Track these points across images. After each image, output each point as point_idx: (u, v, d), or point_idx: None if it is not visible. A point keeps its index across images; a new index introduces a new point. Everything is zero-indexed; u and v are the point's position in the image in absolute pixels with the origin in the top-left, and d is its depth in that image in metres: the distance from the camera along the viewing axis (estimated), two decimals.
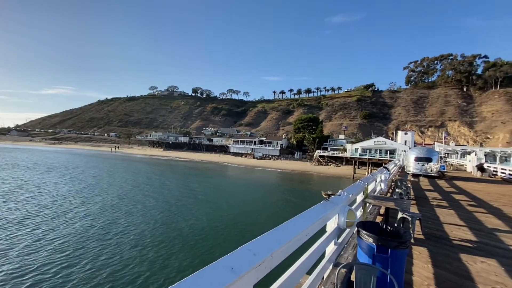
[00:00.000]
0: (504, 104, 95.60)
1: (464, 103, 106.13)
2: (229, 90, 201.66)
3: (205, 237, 13.44)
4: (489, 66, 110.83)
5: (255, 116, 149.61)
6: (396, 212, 4.91)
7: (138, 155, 76.65)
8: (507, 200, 9.61)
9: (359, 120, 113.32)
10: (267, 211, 19.96)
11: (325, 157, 61.13)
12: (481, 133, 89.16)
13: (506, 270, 3.48)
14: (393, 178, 12.73)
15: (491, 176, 20.69)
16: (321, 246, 2.64)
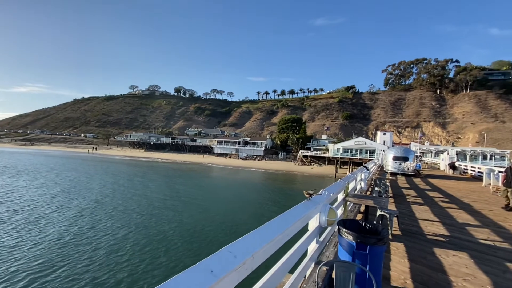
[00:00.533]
0: (474, 106, 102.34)
1: (438, 105, 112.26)
2: (213, 90, 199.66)
3: (190, 240, 13.21)
4: (460, 70, 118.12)
5: (240, 116, 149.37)
6: (376, 209, 5.09)
7: (117, 157, 73.85)
8: (476, 196, 10.27)
9: (340, 121, 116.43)
10: (252, 211, 19.97)
11: (308, 157, 62.20)
12: (453, 133, 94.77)
13: (476, 263, 3.71)
14: (372, 177, 13.19)
15: (462, 174, 22.01)
16: (303, 244, 2.68)
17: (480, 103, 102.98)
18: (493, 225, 5.98)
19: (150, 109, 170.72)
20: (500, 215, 7.10)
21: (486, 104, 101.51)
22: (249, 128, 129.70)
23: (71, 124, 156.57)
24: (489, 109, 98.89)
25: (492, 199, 9.75)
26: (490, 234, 5.24)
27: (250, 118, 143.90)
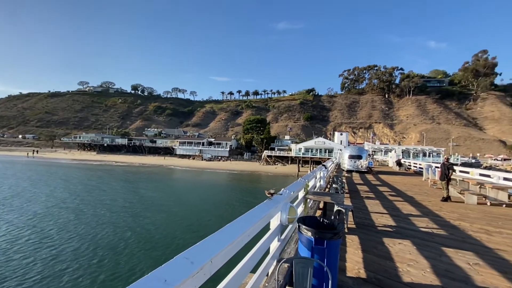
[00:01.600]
0: (415, 109, 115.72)
1: (386, 108, 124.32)
2: (174, 89, 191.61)
3: (154, 247, 12.44)
4: (404, 77, 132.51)
5: (203, 116, 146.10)
6: (333, 205, 5.39)
7: (63, 160, 66.29)
8: (417, 189, 11.58)
9: (302, 122, 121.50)
10: (219, 212, 19.66)
11: (272, 157, 63.58)
12: (399, 133, 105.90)
13: (417, 249, 4.16)
14: (330, 175, 14.00)
15: (406, 170, 24.67)
16: (265, 243, 2.69)
17: (420, 106, 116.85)
18: (431, 214, 6.79)
19: (103, 108, 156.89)
20: (437, 205, 8.10)
21: (425, 108, 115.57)
22: (213, 128, 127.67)
23: (5, 124, 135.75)
24: (428, 112, 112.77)
25: (431, 191, 11.08)
26: (429, 222, 5.94)
27: (215, 119, 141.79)
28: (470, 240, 4.74)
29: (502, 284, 3.05)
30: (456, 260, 3.75)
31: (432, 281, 3.06)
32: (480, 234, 5.15)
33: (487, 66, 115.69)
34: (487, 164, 51.04)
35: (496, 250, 4.26)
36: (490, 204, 8.34)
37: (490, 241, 4.74)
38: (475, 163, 50.38)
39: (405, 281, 3.05)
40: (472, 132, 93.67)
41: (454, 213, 7.02)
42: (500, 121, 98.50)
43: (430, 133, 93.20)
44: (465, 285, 3.00)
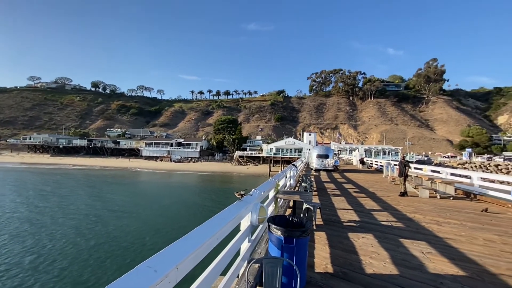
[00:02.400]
0: (376, 111, 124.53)
1: (351, 110, 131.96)
2: (139, 87, 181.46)
3: (122, 254, 11.63)
4: (366, 81, 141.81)
5: (172, 116, 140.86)
6: (302, 203, 5.54)
7: (10, 165, 59.12)
8: (379, 186, 12.43)
9: (273, 122, 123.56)
10: (190, 215, 19.08)
11: (244, 157, 63.64)
12: (362, 133, 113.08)
13: (379, 242, 4.44)
14: (300, 174, 14.41)
15: (369, 167, 26.39)
16: (235, 244, 2.66)
17: (381, 109, 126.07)
18: (390, 208, 7.33)
19: (59, 106, 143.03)
20: (395, 200, 8.77)
21: (385, 110, 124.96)
22: (182, 128, 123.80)
23: None
24: (387, 114, 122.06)
25: (390, 187, 11.98)
26: (388, 216, 6.40)
27: (184, 118, 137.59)
28: (423, 231, 5.20)
29: (450, 270, 3.39)
30: (411, 250, 4.08)
31: (391, 271, 3.28)
32: (431, 225, 5.69)
33: (437, 73, 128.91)
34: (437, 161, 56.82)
35: (445, 239, 4.73)
36: (439, 197, 9.26)
37: (440, 231, 5.25)
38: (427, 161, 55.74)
39: (368, 272, 3.23)
40: (425, 132, 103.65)
41: (410, 206, 7.66)
42: (447, 122, 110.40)
43: (389, 133, 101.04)
44: (419, 273, 3.27)
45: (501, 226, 5.69)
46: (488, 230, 5.35)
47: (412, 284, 2.95)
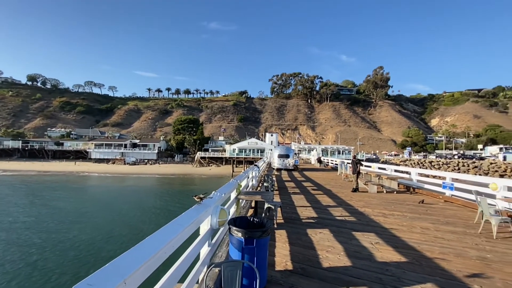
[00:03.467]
0: (332, 114, 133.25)
1: (309, 112, 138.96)
2: (88, 82, 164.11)
3: (73, 267, 10.26)
4: (323, 85, 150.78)
5: (126, 115, 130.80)
6: (264, 203, 5.61)
7: None
8: (334, 183, 13.27)
9: (236, 123, 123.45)
10: (147, 221, 17.86)
11: (206, 158, 62.26)
12: (319, 134, 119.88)
13: (334, 236, 4.72)
14: (262, 174, 14.62)
15: (325, 166, 28.04)
16: (194, 249, 2.55)
17: (336, 111, 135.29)
18: (344, 204, 7.87)
19: None
20: (348, 195, 9.45)
21: (339, 112, 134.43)
22: (138, 128, 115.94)
23: None
24: (341, 116, 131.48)
25: (344, 184, 12.88)
26: (343, 211, 6.85)
27: (140, 118, 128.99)
28: (372, 223, 5.69)
29: (394, 257, 3.75)
30: (362, 241, 4.42)
31: (345, 263, 3.51)
32: (379, 217, 6.25)
33: (383, 80, 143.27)
34: (384, 159, 63.13)
35: (390, 229, 5.24)
36: (385, 192, 10.27)
37: (386, 222, 5.80)
38: (375, 159, 61.58)
39: (325, 266, 3.40)
40: (373, 133, 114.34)
41: (361, 201, 8.33)
42: (391, 124, 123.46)
43: (343, 134, 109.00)
44: (369, 262, 3.56)
45: (434, 215, 6.53)
46: (424, 219, 6.09)
47: (363, 274, 3.19)
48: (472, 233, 5.06)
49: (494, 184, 6.82)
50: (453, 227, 5.47)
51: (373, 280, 3.04)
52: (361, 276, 3.13)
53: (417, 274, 3.21)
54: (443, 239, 4.68)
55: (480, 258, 3.79)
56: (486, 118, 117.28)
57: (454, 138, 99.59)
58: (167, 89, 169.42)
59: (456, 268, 3.43)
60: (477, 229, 5.22)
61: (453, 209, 7.32)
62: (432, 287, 2.91)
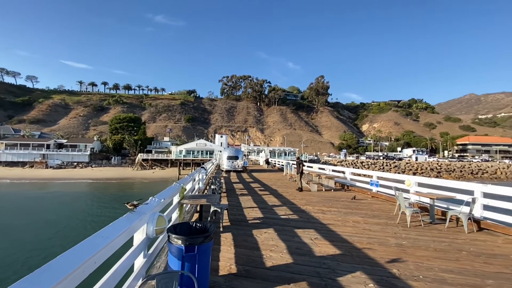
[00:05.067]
0: (279, 117, 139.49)
1: (258, 114, 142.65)
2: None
3: None
4: (271, 90, 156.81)
5: (50, 110, 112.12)
6: (210, 206, 5.44)
7: None
8: (280, 183, 13.82)
9: (183, 123, 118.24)
10: (70, 233, 15.47)
11: (149, 161, 57.80)
12: (267, 136, 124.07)
13: (278, 234, 4.86)
14: (210, 176, 14.28)
15: (273, 167, 29.08)
16: (127, 261, 2.28)
17: (283, 115, 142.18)
18: (288, 203, 8.23)
19: None
20: (293, 194, 9.94)
21: (286, 116, 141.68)
22: (65, 126, 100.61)
23: None
24: (288, 120, 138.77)
25: (289, 184, 13.52)
26: (287, 210, 7.15)
27: (68, 114, 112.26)
28: (312, 220, 6.08)
29: (331, 251, 4.06)
30: (303, 238, 4.67)
31: (287, 260, 3.63)
32: (318, 214, 6.73)
33: (323, 88, 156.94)
34: (324, 160, 68.96)
35: (328, 224, 5.68)
36: (324, 190, 11.16)
37: (325, 218, 6.28)
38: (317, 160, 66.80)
39: (268, 265, 3.45)
40: (315, 136, 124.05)
41: (303, 199, 8.85)
42: (330, 128, 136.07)
43: (289, 136, 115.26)
44: (308, 257, 3.76)
45: (364, 210, 7.36)
46: (356, 214, 6.80)
47: (303, 269, 3.35)
48: (392, 223, 5.86)
49: (409, 181, 8.09)
50: (378, 219, 6.26)
51: (312, 274, 3.21)
52: (301, 271, 3.28)
53: (348, 264, 3.53)
54: (370, 230, 5.30)
55: (398, 245, 4.40)
56: (403, 125, 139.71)
57: (380, 142, 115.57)
58: (103, 83, 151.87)
59: (380, 255, 3.90)
60: (396, 220, 6.07)
61: (378, 203, 8.39)
62: (361, 274, 3.23)
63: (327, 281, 3.04)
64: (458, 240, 4.76)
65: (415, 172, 55.83)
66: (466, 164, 63.86)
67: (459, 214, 5.45)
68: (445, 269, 3.46)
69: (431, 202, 6.16)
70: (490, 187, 5.61)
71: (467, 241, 4.71)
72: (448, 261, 3.75)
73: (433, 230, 5.40)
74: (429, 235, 5.00)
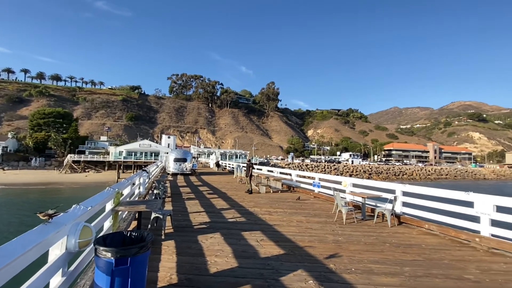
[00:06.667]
0: (231, 120, 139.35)
1: (210, 116, 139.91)
2: None
3: None
4: (224, 92, 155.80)
5: None
6: (151, 213, 5.01)
7: None
8: (230, 186, 13.72)
9: (125, 122, 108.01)
10: None
11: (81, 162, 50.87)
12: (219, 138, 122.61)
13: (224, 239, 4.76)
14: (154, 180, 13.30)
15: (223, 170, 28.78)
16: (37, 283, 1.90)
17: (235, 117, 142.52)
18: (237, 205, 8.20)
19: None
20: (242, 197, 9.95)
21: (238, 119, 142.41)
22: None
23: None
24: (239, 122, 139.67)
25: (239, 186, 13.53)
26: (235, 213, 7.10)
27: None
28: (259, 222, 6.17)
29: (275, 251, 4.15)
30: (250, 240, 4.68)
31: (232, 264, 3.57)
32: (265, 215, 6.87)
33: (274, 94, 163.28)
34: (273, 162, 71.52)
35: (274, 225, 5.83)
36: (272, 191, 11.51)
37: (271, 219, 6.44)
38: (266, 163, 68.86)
39: (212, 272, 3.33)
40: (265, 140, 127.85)
41: (252, 202, 8.95)
42: (280, 132, 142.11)
43: (241, 139, 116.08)
44: (254, 260, 3.78)
45: (307, 209, 7.82)
46: (299, 214, 7.17)
47: (247, 272, 3.34)
48: (331, 221, 6.36)
49: (345, 182, 8.93)
50: (318, 218, 6.71)
51: (256, 276, 3.22)
52: (246, 275, 3.26)
53: (291, 263, 3.67)
54: (312, 229, 5.64)
55: (335, 241, 4.77)
56: (342, 132, 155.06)
57: (322, 146, 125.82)
58: (23, 71, 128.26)
59: (319, 252, 4.16)
60: (334, 218, 6.61)
61: (319, 203, 9.03)
62: (302, 272, 3.38)
63: (270, 282, 3.09)
64: (383, 233, 5.43)
65: (351, 174, 62.46)
66: (391, 167, 74.52)
67: (384, 211, 6.24)
68: (372, 260, 3.89)
69: (363, 200, 6.92)
70: (408, 186, 6.58)
71: (390, 234, 5.42)
72: (375, 253, 4.23)
73: (364, 226, 6.06)
74: (360, 231, 5.58)
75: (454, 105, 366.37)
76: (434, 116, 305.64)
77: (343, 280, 3.18)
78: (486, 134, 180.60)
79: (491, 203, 4.76)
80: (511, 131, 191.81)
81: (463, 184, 56.49)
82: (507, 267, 3.76)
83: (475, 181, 68.81)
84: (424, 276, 3.39)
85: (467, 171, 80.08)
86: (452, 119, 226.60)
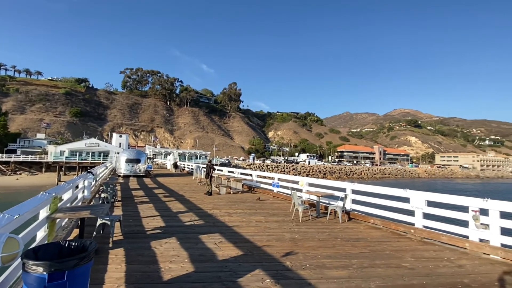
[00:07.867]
0: (191, 119, 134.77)
1: (168, 114, 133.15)
2: None
3: None
4: (183, 90, 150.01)
5: None
6: (96, 219, 4.54)
7: None
8: (188, 188, 13.23)
9: (68, 118, 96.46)
10: None
11: (11, 163, 43.84)
12: (178, 138, 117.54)
13: (180, 243, 4.55)
14: (102, 182, 12.14)
15: (181, 171, 27.66)
16: None
17: (195, 117, 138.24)
18: (195, 208, 7.95)
19: None
20: (201, 199, 9.68)
21: (198, 119, 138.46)
22: None
23: None
24: (200, 122, 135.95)
25: (198, 188, 13.14)
26: (192, 216, 6.87)
27: None
28: (218, 224, 6.07)
29: (233, 253, 4.12)
30: (207, 243, 4.57)
31: (188, 269, 3.43)
32: (225, 216, 6.79)
33: (236, 94, 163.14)
34: (234, 163, 71.32)
35: (233, 226, 5.79)
36: (232, 192, 11.45)
37: (230, 220, 6.39)
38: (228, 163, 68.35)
39: (166, 279, 3.15)
40: (227, 140, 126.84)
41: (211, 203, 8.77)
42: (241, 133, 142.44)
43: (201, 139, 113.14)
44: (211, 263, 3.69)
45: (266, 209, 7.96)
46: (259, 214, 7.27)
47: (204, 276, 3.24)
48: (288, 220, 6.58)
49: (302, 181, 9.34)
50: (277, 217, 6.89)
51: (213, 280, 3.14)
52: (202, 279, 3.17)
53: (249, 264, 3.68)
54: (270, 228, 5.76)
55: (292, 239, 4.95)
56: (300, 134, 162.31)
57: (282, 147, 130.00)
58: None
59: (277, 251, 4.26)
60: (291, 216, 6.85)
61: (278, 202, 9.29)
62: (259, 272, 3.41)
63: (228, 284, 3.05)
64: (335, 229, 5.81)
65: (308, 174, 65.80)
66: (343, 167, 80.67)
67: (336, 208, 6.69)
68: (325, 255, 4.13)
69: (317, 199, 7.33)
70: (357, 185, 7.17)
71: (341, 229, 5.83)
72: (327, 248, 4.50)
73: (318, 223, 6.41)
74: (315, 228, 5.89)
75: (396, 112, 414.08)
76: (380, 121, 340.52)
77: (298, 277, 3.31)
78: (421, 138, 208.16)
79: (423, 198, 5.47)
80: (439, 136, 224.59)
81: (402, 182, 64.05)
82: (436, 254, 4.35)
83: (412, 179, 78.93)
84: (369, 266, 3.72)
85: (405, 171, 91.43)
86: (394, 124, 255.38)
